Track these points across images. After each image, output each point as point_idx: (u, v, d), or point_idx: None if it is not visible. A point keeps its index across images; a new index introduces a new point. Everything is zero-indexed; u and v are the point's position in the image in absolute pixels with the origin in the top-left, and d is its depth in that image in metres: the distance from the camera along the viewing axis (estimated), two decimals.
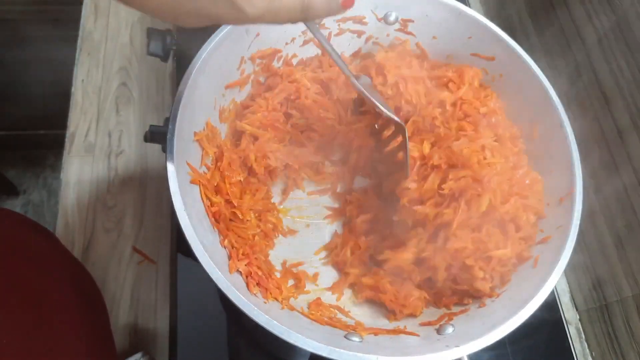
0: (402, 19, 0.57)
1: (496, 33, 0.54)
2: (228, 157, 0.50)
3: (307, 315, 0.44)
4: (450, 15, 0.55)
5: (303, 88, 0.55)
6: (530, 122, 0.53)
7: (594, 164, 0.60)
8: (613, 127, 0.57)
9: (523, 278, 0.46)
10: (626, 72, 0.54)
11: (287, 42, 0.56)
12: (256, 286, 0.43)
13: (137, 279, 0.61)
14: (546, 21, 0.69)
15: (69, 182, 0.66)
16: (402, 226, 0.50)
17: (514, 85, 0.54)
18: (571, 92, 0.63)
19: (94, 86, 0.73)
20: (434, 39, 0.57)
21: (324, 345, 0.36)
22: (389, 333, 0.44)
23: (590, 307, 0.63)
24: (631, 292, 0.55)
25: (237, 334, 0.53)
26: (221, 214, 0.46)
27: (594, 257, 0.62)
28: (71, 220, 0.63)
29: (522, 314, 0.40)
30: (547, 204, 0.49)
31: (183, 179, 0.43)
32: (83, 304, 0.49)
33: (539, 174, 0.50)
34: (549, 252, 0.45)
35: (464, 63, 0.57)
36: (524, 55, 0.53)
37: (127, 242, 0.63)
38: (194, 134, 0.47)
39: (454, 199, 0.46)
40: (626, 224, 0.56)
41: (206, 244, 0.40)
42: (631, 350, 0.56)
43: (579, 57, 0.62)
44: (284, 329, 0.37)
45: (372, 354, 0.37)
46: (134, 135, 0.70)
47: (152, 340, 0.58)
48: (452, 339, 0.41)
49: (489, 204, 0.45)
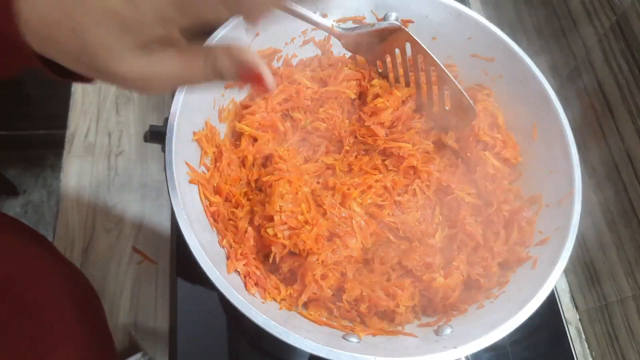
0: (402, 20, 0.57)
1: (496, 34, 0.54)
2: (227, 157, 0.50)
3: (305, 315, 0.44)
4: (450, 16, 0.55)
5: (303, 88, 0.55)
6: (530, 122, 0.53)
7: (594, 164, 0.60)
8: (613, 127, 0.57)
9: (522, 279, 0.46)
10: (626, 72, 0.54)
11: (287, 42, 0.56)
12: (254, 286, 0.43)
13: (137, 279, 0.61)
14: (546, 21, 0.69)
15: (68, 182, 0.66)
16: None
17: (514, 86, 0.54)
18: (571, 92, 0.63)
19: (93, 86, 0.73)
20: (433, 39, 0.57)
21: (322, 346, 0.36)
22: (387, 334, 0.44)
23: (590, 307, 0.63)
24: (631, 292, 0.55)
25: (237, 334, 0.53)
26: (220, 213, 0.46)
27: (594, 257, 0.62)
28: (71, 220, 0.63)
29: (520, 314, 0.40)
30: (547, 204, 0.49)
31: (182, 179, 0.43)
32: (81, 312, 0.49)
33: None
34: (548, 253, 0.45)
35: (463, 64, 0.57)
36: (524, 56, 0.53)
37: (127, 242, 0.63)
38: (193, 133, 0.47)
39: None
40: (626, 224, 0.56)
41: (204, 244, 0.40)
42: (631, 350, 0.56)
43: (579, 57, 0.62)
44: (282, 329, 0.37)
45: (370, 355, 0.37)
46: (133, 135, 0.70)
47: (152, 340, 0.58)
48: (451, 339, 0.41)
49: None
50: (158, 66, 0.28)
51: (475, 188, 0.54)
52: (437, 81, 0.50)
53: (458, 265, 0.48)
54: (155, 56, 0.28)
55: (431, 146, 0.55)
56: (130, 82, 0.29)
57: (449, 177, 0.53)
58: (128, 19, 0.26)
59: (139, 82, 0.29)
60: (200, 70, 0.29)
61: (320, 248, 0.46)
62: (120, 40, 0.26)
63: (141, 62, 0.28)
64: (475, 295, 0.47)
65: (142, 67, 0.28)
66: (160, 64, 0.28)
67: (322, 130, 0.55)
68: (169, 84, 0.30)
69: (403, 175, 0.54)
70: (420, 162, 0.53)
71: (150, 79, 0.29)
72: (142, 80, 0.28)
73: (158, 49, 0.28)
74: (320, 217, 0.48)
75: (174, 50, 0.29)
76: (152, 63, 0.28)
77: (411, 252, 0.49)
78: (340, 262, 0.47)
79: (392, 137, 0.54)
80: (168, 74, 0.29)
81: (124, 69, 0.28)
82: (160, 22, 0.26)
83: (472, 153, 0.54)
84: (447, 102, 0.52)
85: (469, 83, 0.58)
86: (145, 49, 0.28)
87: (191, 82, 0.30)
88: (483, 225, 0.52)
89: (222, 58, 0.29)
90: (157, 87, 0.30)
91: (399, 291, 0.47)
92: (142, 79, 0.28)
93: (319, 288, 0.45)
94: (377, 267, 0.49)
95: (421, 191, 0.53)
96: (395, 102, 0.54)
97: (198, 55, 0.29)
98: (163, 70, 0.29)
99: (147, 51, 0.28)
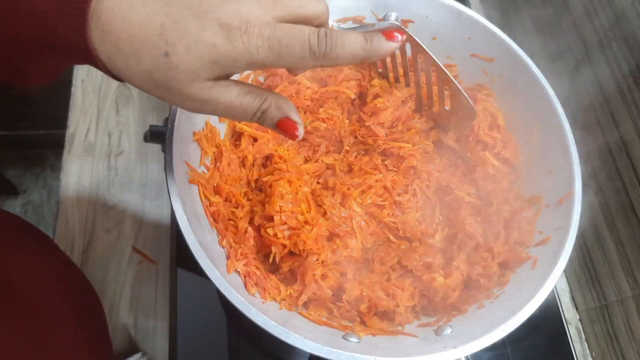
0: (402, 20, 0.57)
1: (496, 34, 0.54)
2: (227, 157, 0.50)
3: (305, 315, 0.44)
4: (450, 16, 0.55)
5: (303, 88, 0.55)
6: (530, 122, 0.53)
7: (594, 164, 0.60)
8: (613, 127, 0.57)
9: (522, 279, 0.46)
10: (626, 72, 0.54)
11: None
12: (254, 286, 0.43)
13: (137, 279, 0.61)
14: (546, 21, 0.69)
15: (68, 182, 0.66)
16: None
17: (514, 86, 0.54)
18: (571, 92, 0.63)
19: (93, 86, 0.73)
20: (433, 39, 0.57)
21: (322, 346, 0.36)
22: (387, 334, 0.44)
23: (590, 307, 0.63)
24: (631, 292, 0.55)
25: (237, 334, 0.53)
26: (220, 213, 0.46)
27: (594, 257, 0.62)
28: (71, 220, 0.63)
29: (520, 314, 0.40)
30: (547, 204, 0.49)
31: (182, 179, 0.43)
32: (81, 314, 0.49)
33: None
34: (548, 253, 0.45)
35: (463, 64, 0.57)
36: (524, 56, 0.53)
37: (127, 242, 0.63)
38: (193, 133, 0.47)
39: None
40: (626, 223, 0.56)
41: (204, 244, 0.40)
42: (631, 350, 0.56)
43: (579, 57, 0.62)
44: (281, 329, 0.37)
45: (370, 355, 0.37)
46: (133, 135, 0.70)
47: (152, 340, 0.58)
48: (451, 339, 0.41)
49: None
50: (219, 96, 0.30)
51: (475, 188, 0.54)
52: (437, 81, 0.50)
53: (458, 265, 0.48)
54: (220, 85, 0.29)
55: (431, 146, 0.55)
56: (188, 103, 0.30)
57: (449, 177, 0.53)
58: (223, 55, 0.27)
59: (196, 103, 0.30)
60: (252, 112, 0.31)
61: (320, 248, 0.46)
62: (207, 71, 0.28)
63: (208, 89, 0.29)
64: (475, 295, 0.47)
65: (207, 94, 0.29)
66: (222, 94, 0.30)
67: (322, 130, 0.55)
68: (219, 113, 0.31)
69: (403, 175, 0.54)
70: (420, 162, 0.53)
71: (208, 103, 0.30)
72: (200, 102, 0.30)
73: (224, 79, 0.30)
74: (320, 217, 0.48)
75: (237, 86, 0.30)
76: (216, 92, 0.29)
77: (411, 252, 0.49)
78: (340, 262, 0.47)
79: (392, 137, 0.54)
80: (224, 105, 0.30)
81: (193, 93, 0.29)
82: (249, 64, 0.28)
83: (472, 153, 0.54)
84: (447, 102, 0.52)
85: (469, 83, 0.58)
86: (217, 78, 0.29)
87: (238, 118, 0.32)
88: (483, 225, 0.52)
89: (272, 108, 0.31)
90: (207, 112, 0.31)
91: (398, 291, 0.47)
92: (201, 101, 0.29)
93: (319, 288, 0.45)
94: (377, 267, 0.49)
95: (421, 191, 0.53)
96: (395, 102, 0.54)
97: (255, 98, 0.31)
98: (221, 101, 0.30)
99: (217, 80, 0.29)
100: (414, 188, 0.53)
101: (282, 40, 0.28)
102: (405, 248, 0.51)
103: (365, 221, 0.51)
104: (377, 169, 0.54)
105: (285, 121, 0.32)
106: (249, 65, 0.28)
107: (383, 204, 0.52)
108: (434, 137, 0.56)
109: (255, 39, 0.27)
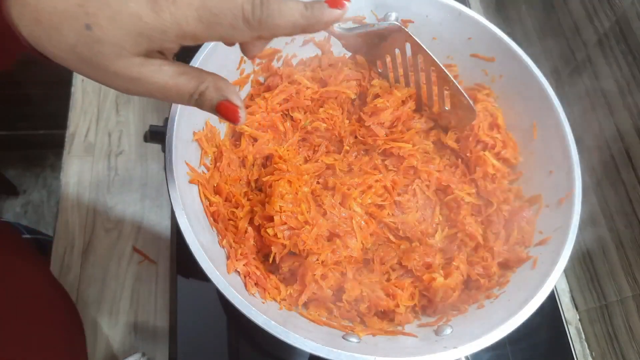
0: (402, 20, 0.57)
1: (496, 34, 0.54)
2: (227, 157, 0.50)
3: (305, 315, 0.44)
4: (450, 15, 0.55)
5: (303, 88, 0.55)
6: (530, 122, 0.53)
7: (594, 164, 0.60)
8: (613, 127, 0.57)
9: (522, 279, 0.46)
10: (626, 72, 0.54)
11: (287, 42, 0.56)
12: (254, 286, 0.43)
13: (137, 279, 0.61)
14: (546, 21, 0.69)
15: (68, 182, 0.66)
16: None
17: (514, 86, 0.54)
18: (571, 92, 0.63)
19: (93, 86, 0.73)
20: (433, 39, 0.57)
21: (322, 346, 0.36)
22: (387, 334, 0.44)
23: (590, 307, 0.63)
24: (631, 292, 0.55)
25: (237, 334, 0.53)
26: (220, 213, 0.46)
27: (594, 257, 0.62)
28: (71, 220, 0.63)
29: (520, 314, 0.40)
30: (547, 204, 0.49)
31: (182, 179, 0.43)
32: (64, 337, 0.48)
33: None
34: (548, 253, 0.45)
35: (463, 64, 0.57)
36: (524, 56, 0.53)
37: (127, 242, 0.63)
38: (193, 133, 0.47)
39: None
40: (626, 224, 0.56)
41: (204, 244, 0.40)
42: (631, 350, 0.56)
43: (579, 57, 0.62)
44: (281, 329, 0.37)
45: (370, 355, 0.37)
46: (133, 135, 0.70)
47: (152, 340, 0.58)
48: (451, 339, 0.41)
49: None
50: (152, 75, 0.28)
51: (475, 188, 0.54)
52: (437, 81, 0.50)
53: (458, 265, 0.48)
54: (152, 64, 0.28)
55: (431, 146, 0.55)
56: (118, 81, 0.28)
57: (449, 177, 0.54)
58: (149, 27, 0.26)
59: (126, 82, 0.28)
60: (188, 94, 0.29)
61: (320, 248, 0.46)
62: (133, 44, 0.26)
63: (138, 66, 0.28)
64: (475, 295, 0.47)
65: (137, 71, 0.28)
66: (155, 73, 0.28)
67: (322, 130, 0.55)
68: (153, 94, 0.29)
69: (403, 175, 0.54)
70: (420, 162, 0.53)
71: (139, 82, 0.28)
72: (130, 80, 0.28)
73: (157, 57, 0.28)
74: (320, 217, 0.48)
75: (171, 65, 0.29)
76: (147, 70, 0.28)
77: (411, 252, 0.49)
78: (340, 262, 0.47)
79: (392, 137, 0.54)
80: (157, 85, 0.29)
81: (121, 69, 0.27)
82: (179, 36, 0.27)
83: (472, 153, 0.54)
84: (447, 102, 0.52)
85: (469, 83, 0.58)
86: (148, 55, 0.28)
87: (174, 100, 0.30)
88: (483, 225, 0.52)
89: (210, 90, 0.29)
90: (138, 93, 0.29)
91: (398, 291, 0.47)
92: (131, 79, 0.28)
93: (319, 288, 0.45)
94: (377, 267, 0.49)
95: (421, 191, 0.53)
96: (395, 102, 0.54)
97: (191, 80, 0.29)
98: (154, 81, 0.28)
99: (148, 57, 0.28)
100: (414, 188, 0.53)
101: (212, 10, 0.26)
102: (405, 248, 0.51)
103: (365, 221, 0.51)
104: (377, 169, 0.54)
105: (225, 104, 0.30)
106: (179, 38, 0.27)
107: (383, 204, 0.52)
108: (434, 137, 0.56)
109: (185, 9, 0.26)
